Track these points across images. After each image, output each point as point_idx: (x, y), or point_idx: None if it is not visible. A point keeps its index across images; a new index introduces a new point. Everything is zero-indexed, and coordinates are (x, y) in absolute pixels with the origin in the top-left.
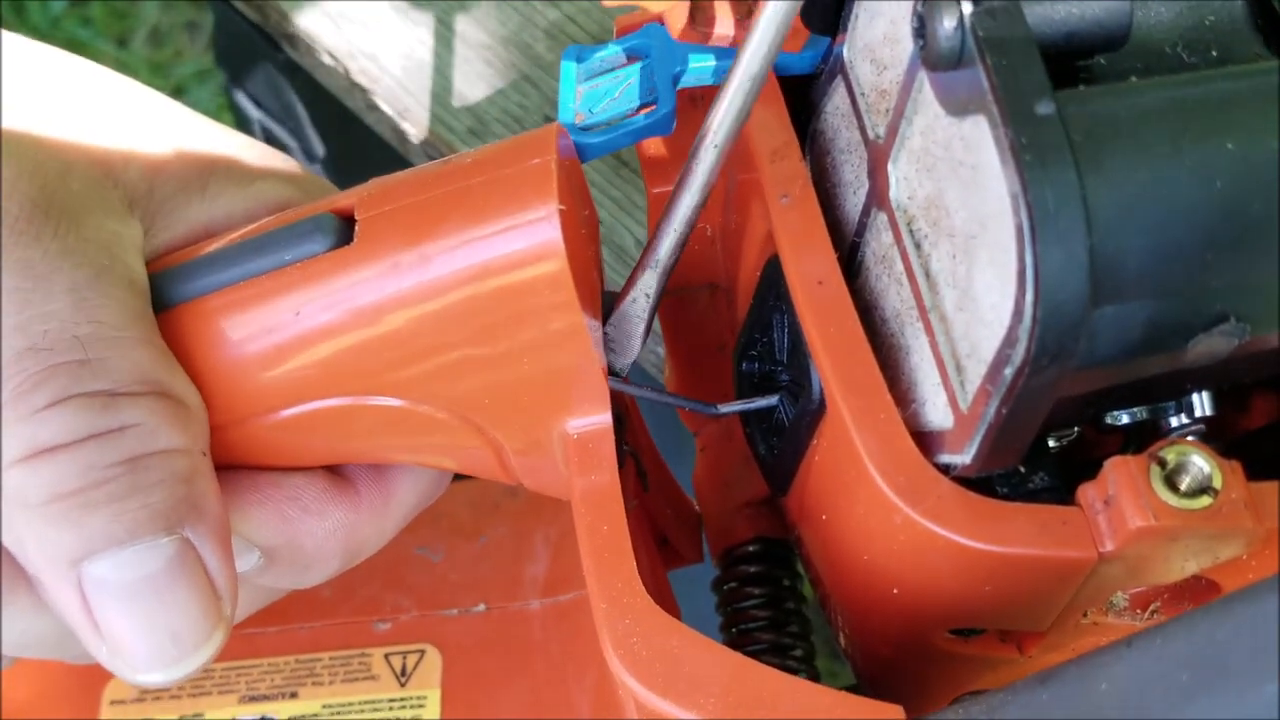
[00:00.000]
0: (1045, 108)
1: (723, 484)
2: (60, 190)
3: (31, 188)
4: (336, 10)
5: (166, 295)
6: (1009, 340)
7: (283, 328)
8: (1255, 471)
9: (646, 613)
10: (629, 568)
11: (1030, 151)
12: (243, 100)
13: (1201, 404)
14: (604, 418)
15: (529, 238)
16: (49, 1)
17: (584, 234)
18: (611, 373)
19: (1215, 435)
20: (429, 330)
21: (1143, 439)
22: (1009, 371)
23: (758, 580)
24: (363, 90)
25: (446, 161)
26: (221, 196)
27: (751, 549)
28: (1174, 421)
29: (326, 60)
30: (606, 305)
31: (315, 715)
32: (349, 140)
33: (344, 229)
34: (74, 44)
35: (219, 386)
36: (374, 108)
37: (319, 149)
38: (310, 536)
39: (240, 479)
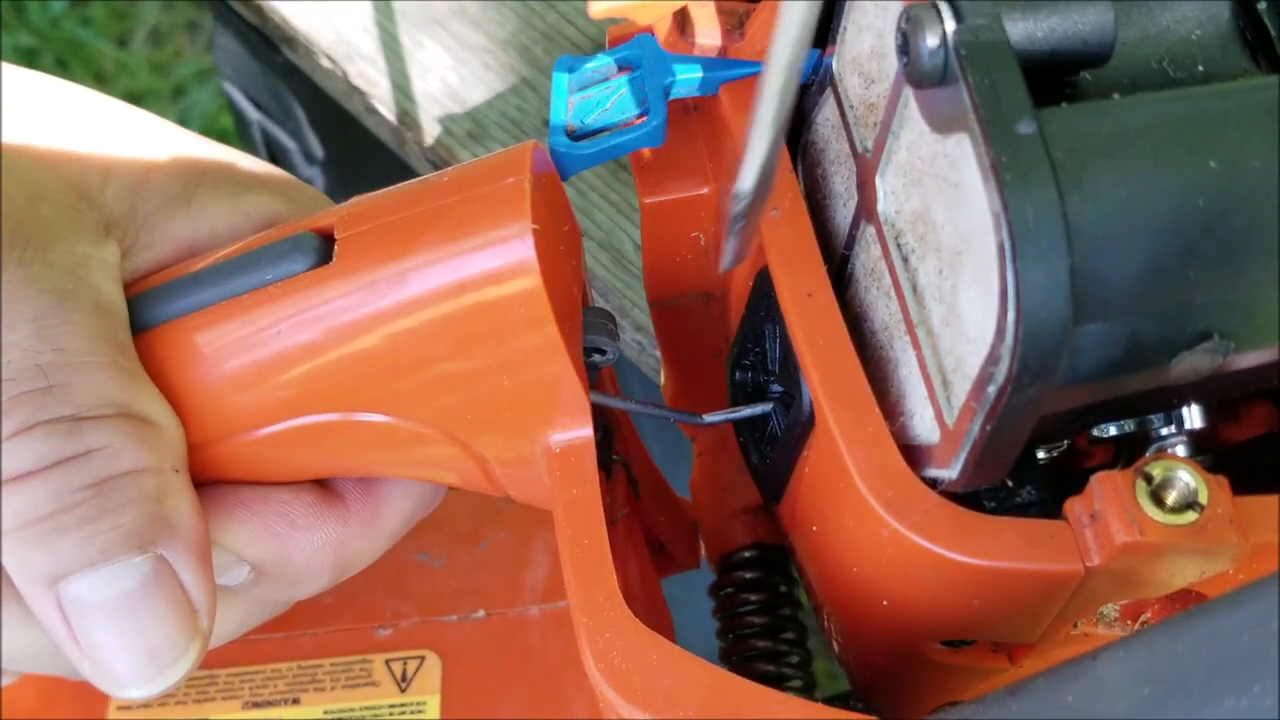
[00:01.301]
0: (1026, 127)
1: (720, 489)
2: (28, 218)
3: None
4: (335, 13)
5: (147, 316)
6: (992, 358)
7: (263, 346)
8: (1247, 483)
9: (626, 626)
10: (610, 582)
11: (1011, 170)
12: (242, 101)
13: (1191, 417)
14: (585, 431)
15: (504, 256)
16: (49, 1)
17: (562, 250)
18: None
19: (1206, 447)
20: (408, 347)
21: (1134, 449)
22: (992, 389)
23: (754, 586)
24: (361, 93)
25: (425, 180)
26: (206, 211)
27: (748, 554)
28: (1164, 433)
29: (325, 63)
30: (592, 320)
31: None
32: (348, 142)
33: (324, 248)
34: (74, 44)
35: (202, 405)
36: (373, 110)
37: (318, 151)
38: (299, 551)
39: (226, 495)
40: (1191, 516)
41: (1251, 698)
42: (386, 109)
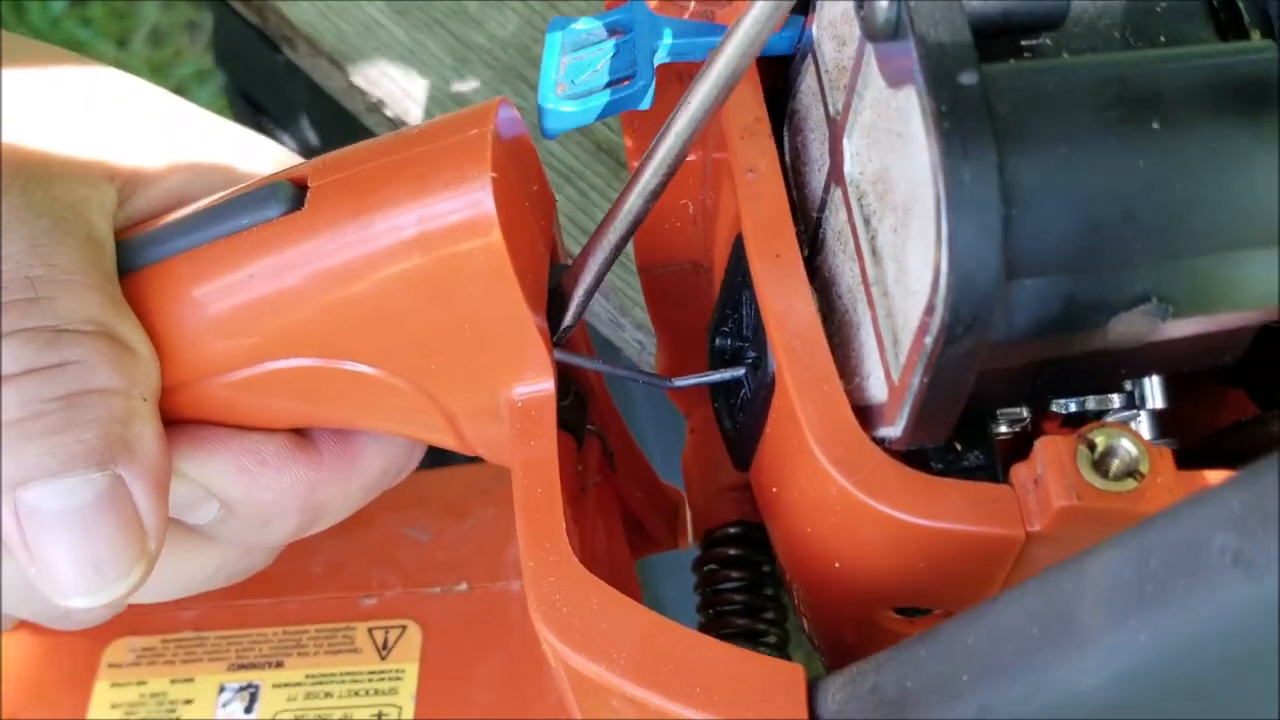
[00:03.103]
0: (968, 78)
1: (709, 465)
2: (32, 157)
3: (3, 155)
4: (335, 13)
5: (131, 259)
6: (928, 309)
7: (237, 289)
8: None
9: (570, 572)
10: (557, 529)
11: (950, 119)
12: (242, 101)
13: (1152, 395)
14: (546, 385)
15: (464, 206)
16: (49, 1)
17: (528, 207)
18: (556, 340)
19: (1174, 432)
20: (374, 295)
21: None
22: (928, 340)
23: (736, 563)
24: (362, 93)
25: (398, 132)
26: (202, 171)
27: (732, 531)
28: (1126, 412)
29: (325, 63)
30: (556, 277)
31: (299, 684)
32: (348, 142)
33: (298, 196)
34: (74, 44)
35: (179, 345)
36: (373, 110)
37: (318, 151)
38: (268, 490)
39: (200, 430)
40: (1131, 484)
41: (1128, 631)
42: (386, 109)
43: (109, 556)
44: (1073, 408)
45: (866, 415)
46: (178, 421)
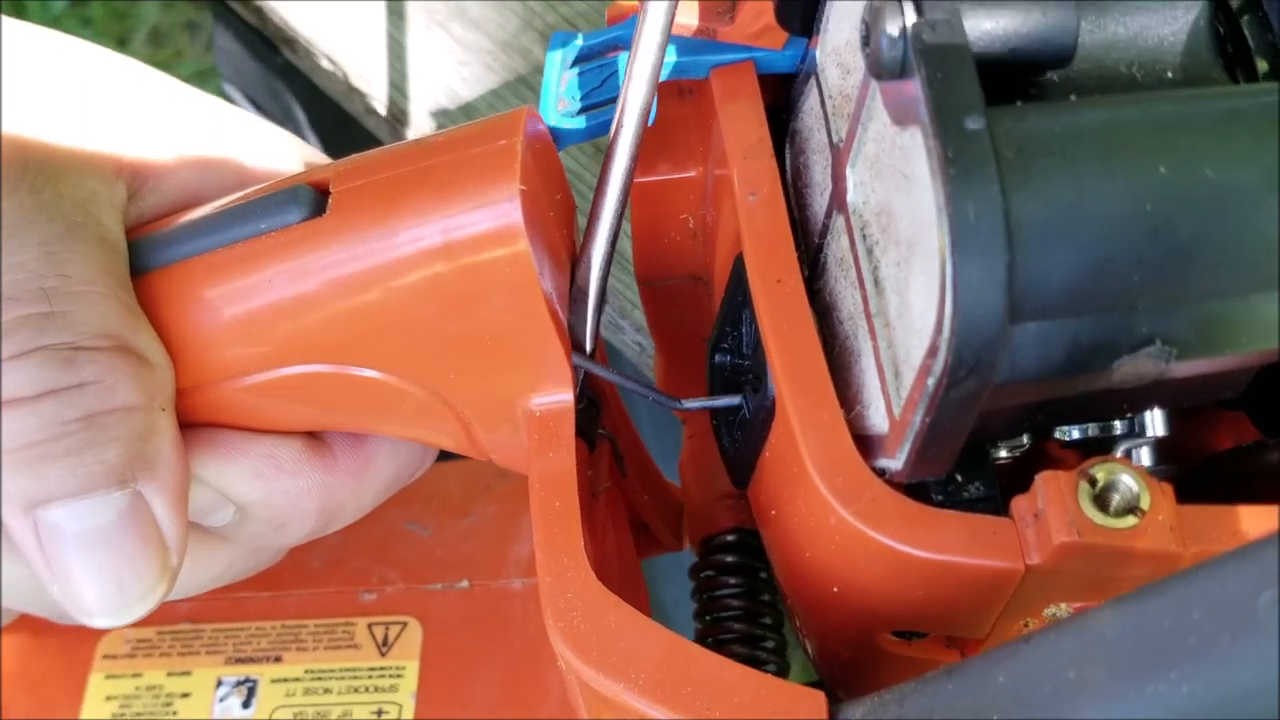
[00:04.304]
0: (975, 122)
1: (706, 473)
2: (41, 150)
3: (10, 148)
4: (335, 14)
5: (146, 260)
6: (931, 350)
7: (255, 294)
8: (1218, 497)
9: (589, 589)
10: (576, 545)
11: (956, 164)
12: (242, 101)
13: (1154, 424)
14: (565, 396)
15: (491, 218)
16: (49, 1)
17: (552, 216)
18: (577, 349)
19: (1174, 457)
20: (395, 304)
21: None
22: (931, 381)
23: (733, 570)
24: (361, 94)
25: (421, 139)
26: (213, 165)
27: (729, 538)
28: (1128, 441)
29: (325, 64)
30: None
31: (297, 679)
32: (348, 143)
33: (319, 201)
34: None
35: (194, 349)
36: (372, 111)
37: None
38: (285, 495)
39: (217, 435)
40: (1131, 521)
41: (1169, 684)
42: (386, 110)
43: (132, 575)
44: (1075, 434)
45: (866, 444)
46: (193, 425)
